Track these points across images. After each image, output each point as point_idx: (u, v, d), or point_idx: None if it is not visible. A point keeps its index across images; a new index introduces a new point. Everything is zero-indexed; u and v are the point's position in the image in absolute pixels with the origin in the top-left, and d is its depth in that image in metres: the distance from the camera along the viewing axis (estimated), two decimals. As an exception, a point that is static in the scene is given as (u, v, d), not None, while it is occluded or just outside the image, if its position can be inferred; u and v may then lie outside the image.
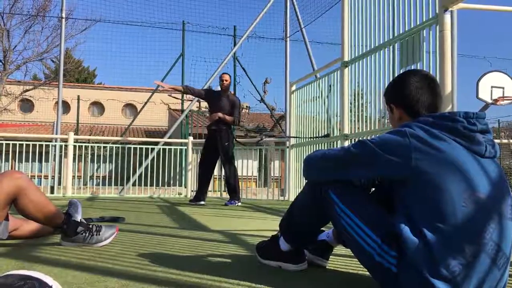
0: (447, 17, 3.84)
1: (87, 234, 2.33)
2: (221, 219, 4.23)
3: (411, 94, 1.59)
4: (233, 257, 2.24)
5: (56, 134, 10.31)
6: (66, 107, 21.97)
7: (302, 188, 1.85)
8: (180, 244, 2.63)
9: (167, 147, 9.10)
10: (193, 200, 6.20)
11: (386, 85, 1.78)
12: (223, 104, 6.10)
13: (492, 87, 9.24)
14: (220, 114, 6.00)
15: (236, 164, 6.27)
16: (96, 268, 1.86)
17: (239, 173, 9.63)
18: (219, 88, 6.39)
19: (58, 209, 2.25)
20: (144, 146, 9.27)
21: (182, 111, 12.32)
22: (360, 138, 5.15)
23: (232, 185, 6.07)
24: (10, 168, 11.23)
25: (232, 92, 6.59)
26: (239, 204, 6.05)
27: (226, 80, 6.12)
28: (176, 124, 11.22)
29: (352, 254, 1.64)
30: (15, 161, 9.59)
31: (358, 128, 5.50)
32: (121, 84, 23.73)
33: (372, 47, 5.00)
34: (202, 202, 6.07)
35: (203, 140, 9.97)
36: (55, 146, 8.64)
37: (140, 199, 7.45)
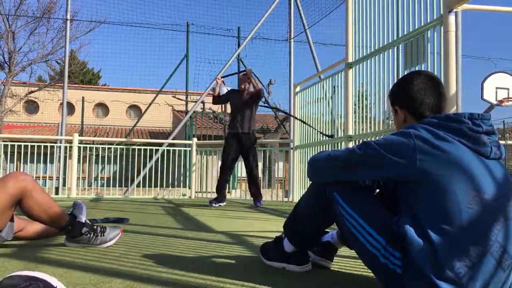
0: (452, 18, 3.82)
1: (91, 235, 2.34)
2: (225, 220, 4.23)
3: (416, 95, 1.59)
4: (237, 258, 2.24)
5: (61, 135, 10.35)
6: (70, 108, 22.04)
7: (306, 189, 1.85)
8: (184, 245, 2.63)
9: (171, 148, 9.11)
10: (215, 201, 6.04)
11: (390, 86, 1.78)
12: (240, 103, 5.97)
13: (497, 88, 9.21)
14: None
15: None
16: (101, 269, 1.87)
17: (243, 174, 9.65)
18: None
19: (62, 210, 2.25)
20: (148, 147, 9.28)
21: (186, 112, 12.33)
22: (364, 139, 5.14)
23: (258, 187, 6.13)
24: (15, 169, 11.28)
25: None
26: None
27: (242, 81, 6.03)
28: (180, 125, 11.23)
29: (357, 255, 1.64)
30: (20, 162, 9.62)
31: (362, 129, 5.49)
32: (125, 85, 23.80)
33: (376, 48, 4.99)
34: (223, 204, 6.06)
35: (207, 142, 10.02)
36: (59, 147, 8.67)
37: (144, 200, 7.47)
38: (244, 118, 5.96)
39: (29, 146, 7.82)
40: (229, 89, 6.32)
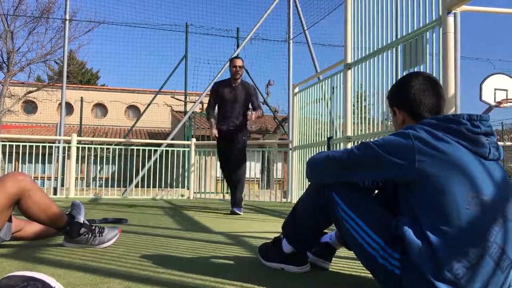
0: (451, 19, 3.83)
1: (90, 236, 2.34)
2: (223, 221, 4.22)
3: (414, 96, 1.59)
4: (236, 259, 2.24)
5: (60, 135, 10.34)
6: (69, 108, 22.04)
7: (305, 190, 1.85)
8: (182, 245, 2.63)
9: (170, 148, 9.11)
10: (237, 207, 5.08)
11: (389, 87, 1.78)
12: (234, 96, 5.00)
13: (495, 89, 9.23)
14: (253, 116, 4.80)
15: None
16: (99, 269, 1.86)
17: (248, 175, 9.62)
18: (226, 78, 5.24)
19: (61, 210, 2.25)
20: (147, 148, 9.27)
21: (185, 112, 12.33)
22: (363, 140, 5.14)
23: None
24: (13, 170, 11.27)
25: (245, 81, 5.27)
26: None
27: (239, 67, 4.97)
28: (179, 125, 11.22)
29: (355, 256, 1.64)
30: (18, 162, 9.62)
31: (361, 130, 5.49)
32: (124, 85, 23.81)
33: (376, 49, 4.99)
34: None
35: (206, 142, 10.01)
36: (58, 147, 8.65)
37: (143, 200, 7.46)
38: (233, 113, 5.03)
39: (27, 146, 7.81)
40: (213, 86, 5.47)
